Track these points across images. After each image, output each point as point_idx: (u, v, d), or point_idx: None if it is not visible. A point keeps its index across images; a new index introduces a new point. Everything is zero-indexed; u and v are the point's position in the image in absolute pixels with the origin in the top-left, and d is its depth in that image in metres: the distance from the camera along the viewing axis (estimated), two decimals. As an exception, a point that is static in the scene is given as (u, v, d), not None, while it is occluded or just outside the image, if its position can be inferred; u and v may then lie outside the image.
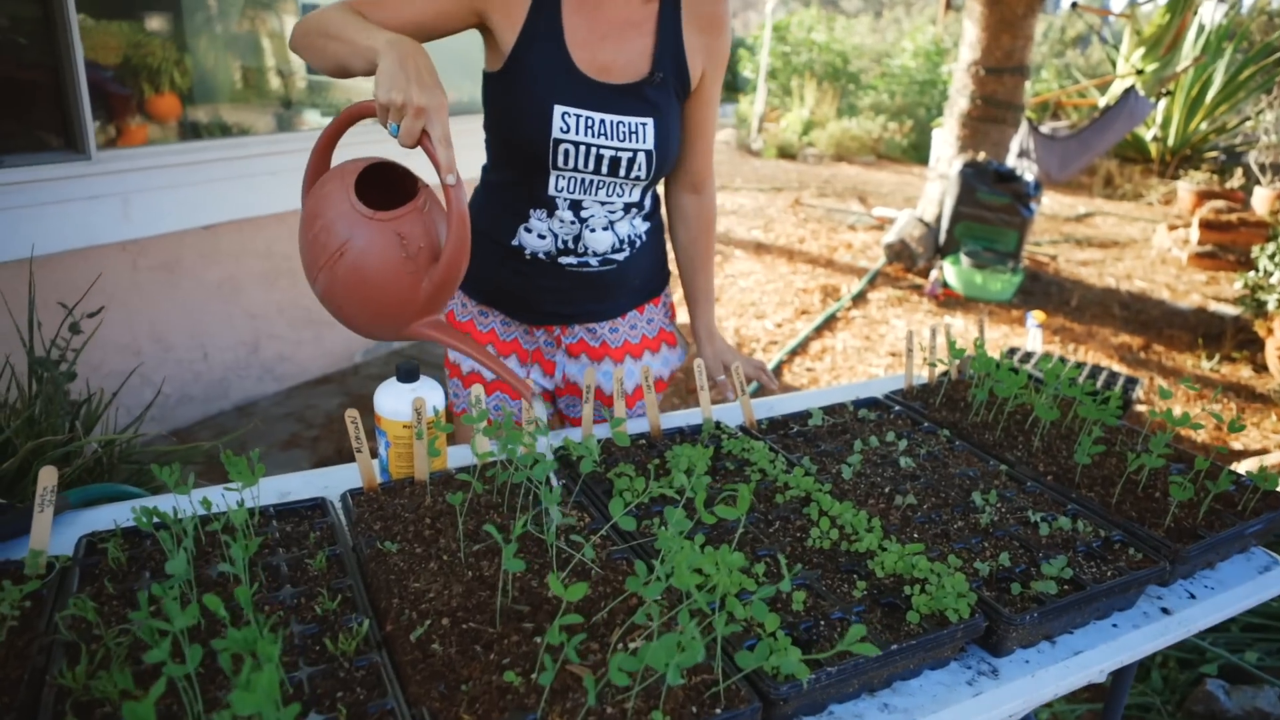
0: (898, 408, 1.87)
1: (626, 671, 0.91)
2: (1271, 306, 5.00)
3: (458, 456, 1.65)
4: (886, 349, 5.34)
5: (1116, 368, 5.09)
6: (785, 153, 12.30)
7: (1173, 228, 8.12)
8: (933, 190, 7.20)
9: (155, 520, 1.18)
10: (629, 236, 1.81)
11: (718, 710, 1.00)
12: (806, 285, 6.40)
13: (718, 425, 1.72)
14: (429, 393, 1.45)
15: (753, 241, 7.50)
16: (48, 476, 1.23)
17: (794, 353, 5.18)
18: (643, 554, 1.31)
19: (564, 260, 1.76)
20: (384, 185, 1.36)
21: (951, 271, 6.40)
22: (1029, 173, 6.67)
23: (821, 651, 1.13)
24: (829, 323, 5.72)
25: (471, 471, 1.47)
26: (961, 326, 5.78)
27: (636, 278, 1.88)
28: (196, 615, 0.94)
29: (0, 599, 1.10)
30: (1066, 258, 7.67)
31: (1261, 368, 5.26)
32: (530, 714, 0.97)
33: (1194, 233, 7.65)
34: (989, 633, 1.24)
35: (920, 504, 1.49)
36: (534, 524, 1.32)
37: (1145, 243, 8.34)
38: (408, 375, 1.45)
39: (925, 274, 6.71)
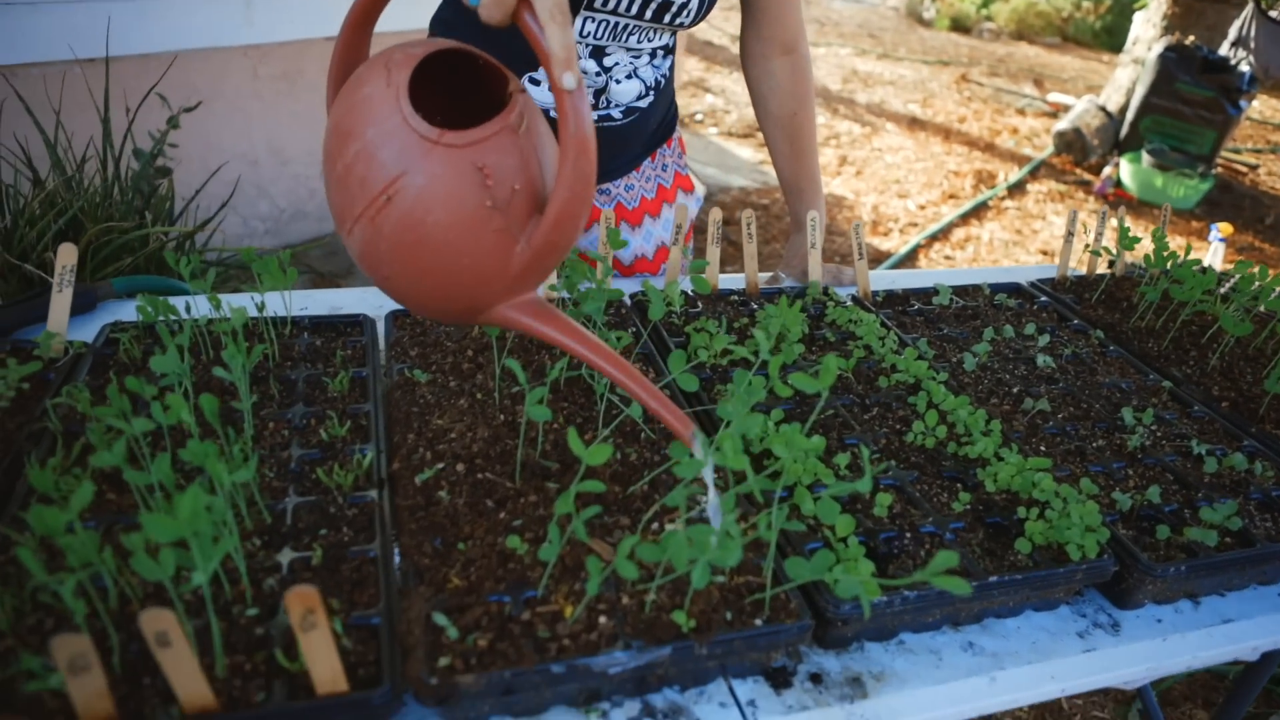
0: (1044, 298, 1.57)
1: (642, 563, 0.73)
2: None
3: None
4: (1038, 246, 4.83)
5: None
6: (959, 25, 11.16)
7: None
8: (1122, 76, 6.35)
9: (162, 317, 1.06)
10: (654, 80, 1.49)
11: (757, 621, 0.82)
12: (959, 168, 5.83)
13: (825, 291, 1.48)
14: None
15: (907, 116, 6.87)
16: (67, 255, 1.12)
17: (934, 237, 4.75)
18: (708, 423, 1.11)
19: None
20: (454, 89, 0.90)
21: (1128, 170, 5.68)
22: (1245, 64, 5.75)
23: (900, 571, 0.92)
24: (978, 210, 5.21)
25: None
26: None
27: (655, 121, 1.57)
28: (165, 419, 0.81)
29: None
30: (1269, 170, 6.72)
31: None
32: (529, 590, 0.81)
33: None
34: (1117, 578, 1.00)
35: (1054, 412, 1.23)
36: (587, 371, 1.14)
37: (1369, 161, 7.19)
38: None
39: (1097, 170, 6.00)
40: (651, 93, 1.49)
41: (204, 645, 0.71)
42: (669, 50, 1.49)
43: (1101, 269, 1.73)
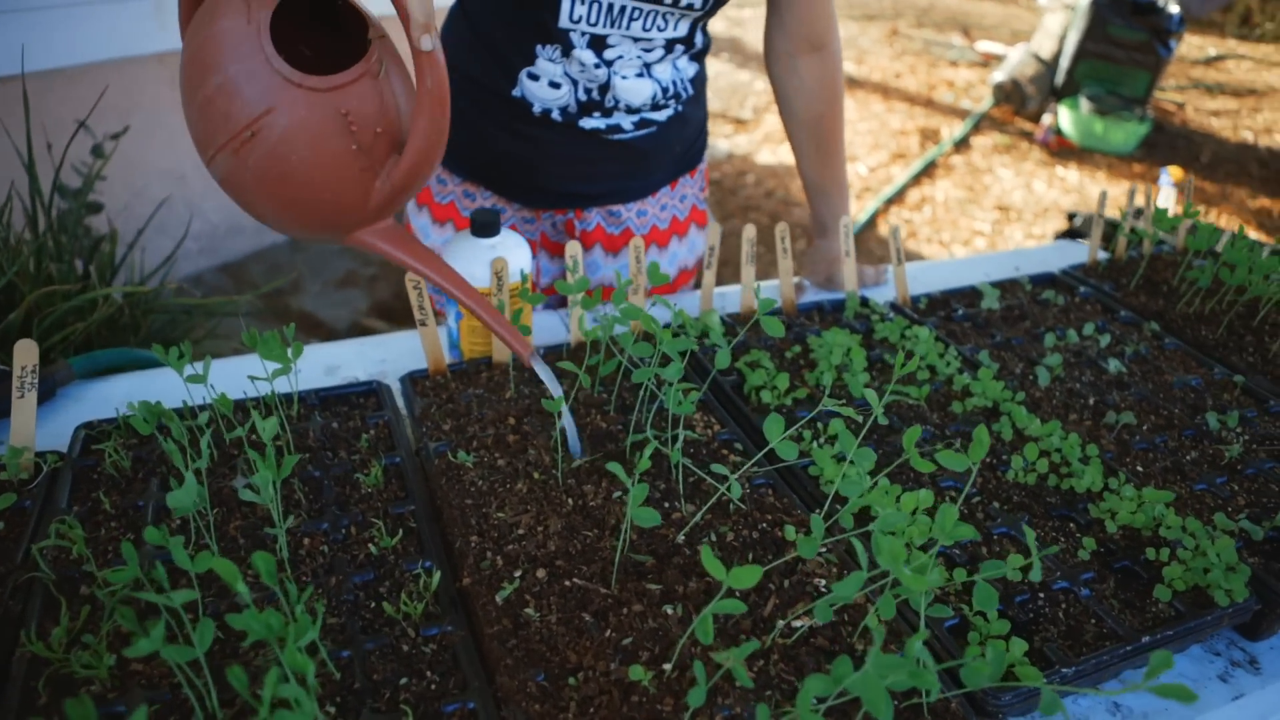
0: (1084, 289, 1.49)
1: (819, 702, 0.62)
2: None
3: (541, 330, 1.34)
4: (992, 202, 4.82)
5: (1255, 235, 4.52)
6: (878, -24, 11.11)
7: (1322, 75, 7.15)
8: (1052, 23, 6.36)
9: (160, 422, 0.90)
10: (673, 84, 1.34)
11: (922, 734, 0.72)
12: (903, 127, 5.79)
13: (864, 302, 1.38)
14: (513, 251, 1.12)
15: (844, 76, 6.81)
16: (26, 354, 0.94)
17: (890, 202, 4.70)
18: (794, 482, 1.00)
19: (587, 122, 1.31)
20: (309, 27, 0.92)
21: (1067, 117, 5.71)
22: (1172, 4, 5.81)
23: (1046, 641, 0.83)
24: (928, 170, 5.18)
25: (566, 355, 1.16)
26: (1076, 180, 5.20)
27: (679, 143, 1.42)
28: (208, 565, 0.66)
29: (-33, 511, 0.84)
30: (1195, 106, 6.84)
31: None
32: (665, 730, 0.69)
33: (1349, 81, 6.72)
34: (1254, 614, 0.92)
35: (1139, 424, 1.15)
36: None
37: (1285, 91, 7.39)
38: (485, 228, 1.11)
39: (1036, 119, 6.02)
40: (671, 103, 1.34)
41: None
42: (690, 47, 1.33)
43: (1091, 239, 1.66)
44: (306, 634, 0.61)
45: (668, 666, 0.73)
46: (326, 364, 1.24)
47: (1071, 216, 4.04)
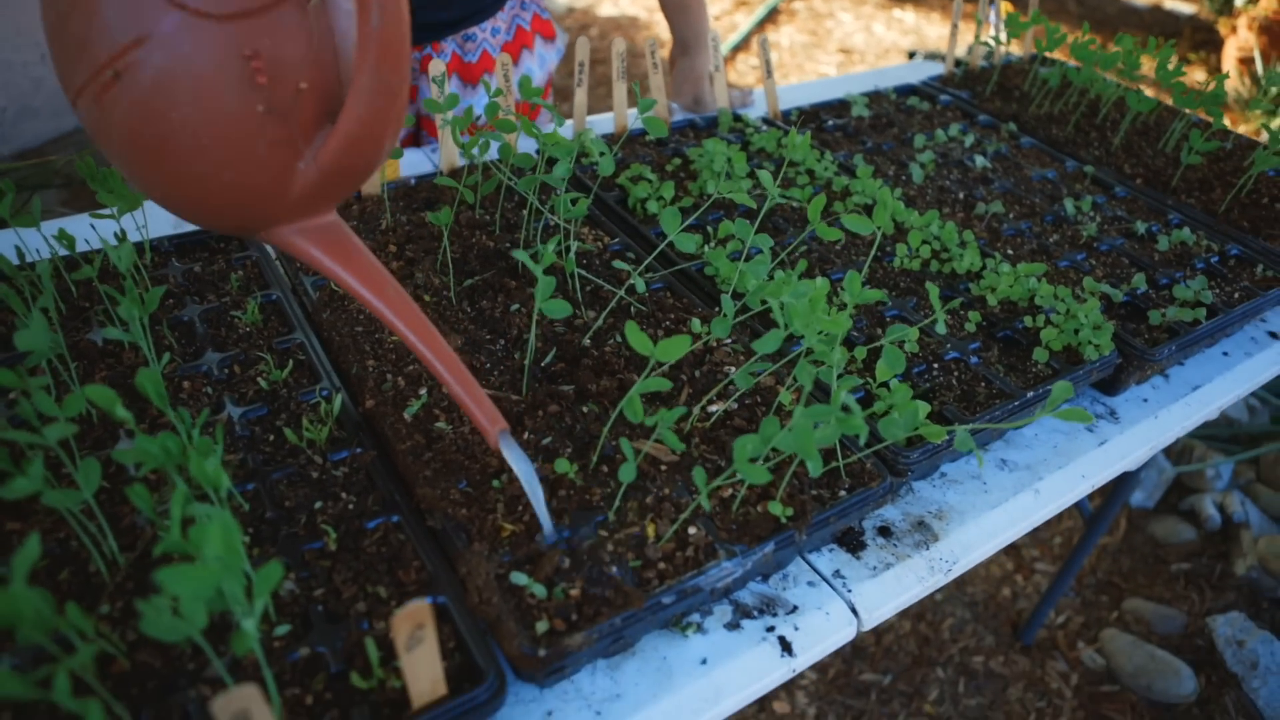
0: (945, 97, 1.53)
1: (706, 455, 0.63)
2: (1239, 2, 4.66)
3: (410, 164, 1.26)
4: (835, 45, 4.85)
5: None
6: None
7: (1129, -89, 7.46)
8: None
9: (-12, 263, 0.79)
10: None
11: (842, 492, 0.75)
12: (745, -26, 5.68)
13: (736, 117, 1.36)
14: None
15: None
16: None
17: (736, 49, 4.65)
18: (690, 283, 0.99)
19: None
20: None
21: (902, -41, 5.75)
22: None
23: (944, 404, 0.87)
24: (770, 16, 5.13)
25: (447, 177, 1.10)
26: (913, 21, 5.29)
27: None
28: (81, 407, 0.60)
29: None
30: (1017, -55, 7.04)
31: (1216, 70, 5.03)
32: (597, 515, 0.69)
33: (1152, -83, 7.04)
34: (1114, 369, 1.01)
35: (1005, 213, 1.20)
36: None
37: (1096, -70, 7.69)
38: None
39: (872, -38, 6.04)
40: None
41: (240, 686, 0.55)
42: None
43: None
44: (213, 454, 0.56)
45: (594, 458, 0.73)
46: (175, 221, 1.12)
47: (911, 55, 4.10)
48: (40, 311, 0.67)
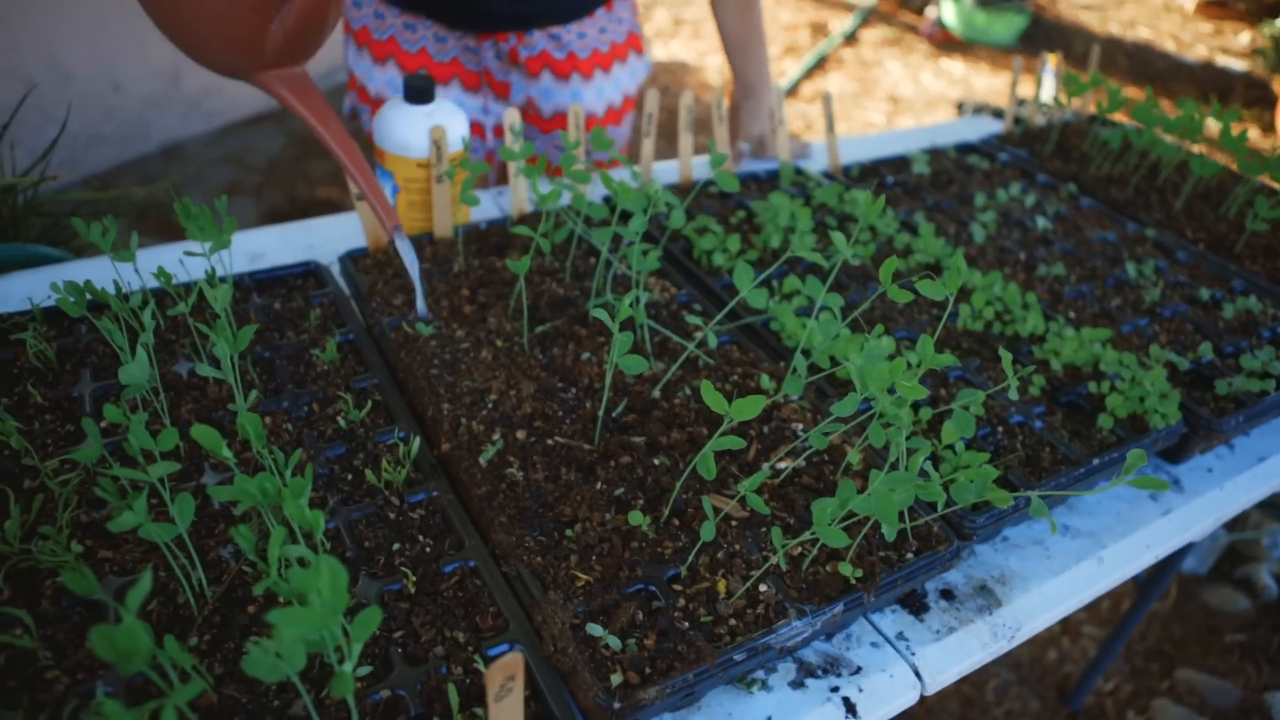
0: (1004, 155, 1.54)
1: (777, 513, 0.63)
2: (1294, 57, 4.62)
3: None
4: (883, 94, 4.88)
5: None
6: None
7: (1180, -32, 7.46)
8: (934, -86, 6.38)
9: (90, 299, 0.82)
10: None
11: (909, 554, 0.75)
12: (793, 21, 5.76)
13: (798, 171, 1.38)
14: (449, 119, 1.06)
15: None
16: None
17: (786, 94, 4.70)
18: (754, 336, 1.01)
19: None
20: None
21: (951, 10, 5.79)
22: (1046, -106, 5.90)
23: (1008, 465, 0.87)
24: (820, 63, 5.19)
25: (518, 223, 1.12)
26: (961, 72, 5.31)
27: None
28: (176, 442, 0.62)
29: (-126, 409, 0.76)
30: (1068, 1, 7.06)
31: (1269, 128, 4.99)
32: (668, 569, 0.70)
33: (1204, -25, 7.03)
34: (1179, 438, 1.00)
35: (1067, 275, 1.20)
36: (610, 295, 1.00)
37: (1147, -14, 7.70)
38: (420, 94, 1.05)
39: (920, 12, 6.09)
40: None
41: (324, 725, 0.56)
42: None
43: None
44: (305, 492, 0.58)
45: (665, 511, 0.74)
46: (250, 252, 1.16)
47: (960, 106, 4.10)
48: (143, 348, 0.70)
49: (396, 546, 0.70)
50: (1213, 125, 1.42)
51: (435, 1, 1.32)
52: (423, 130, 1.04)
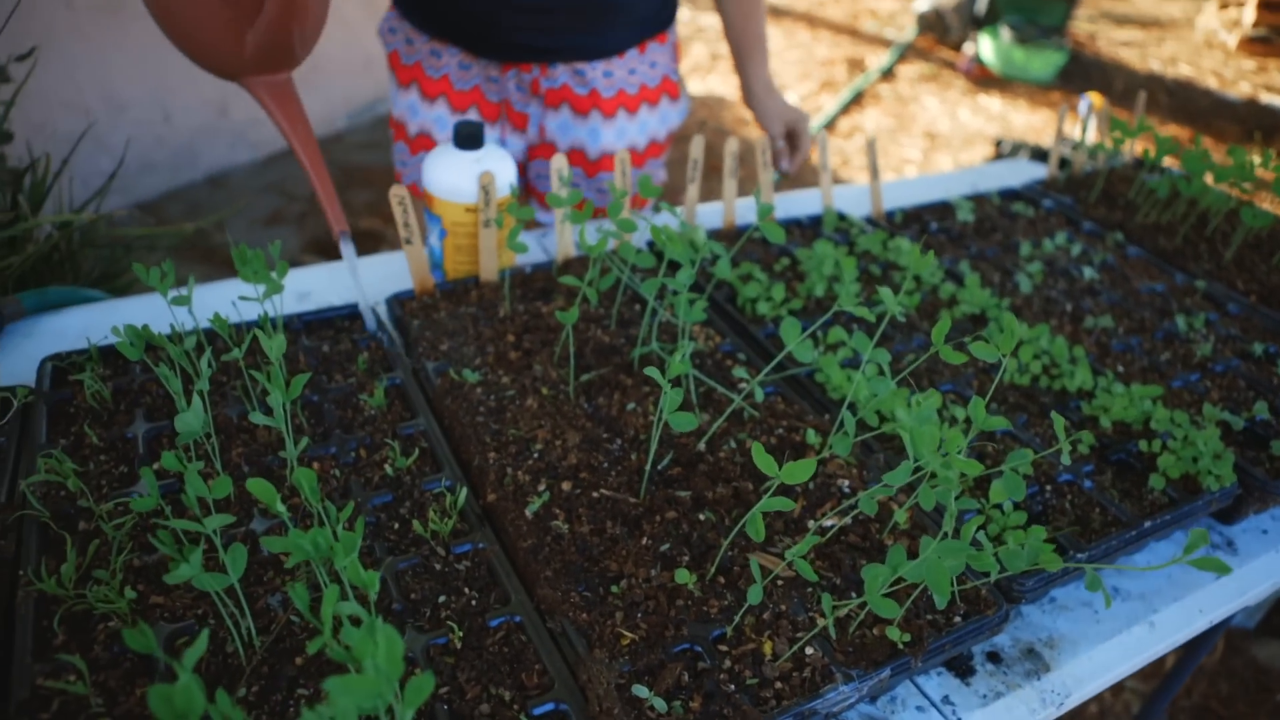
0: (1048, 202, 1.53)
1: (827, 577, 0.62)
2: (1342, 96, 4.55)
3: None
4: (920, 130, 4.88)
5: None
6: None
7: (1224, 6, 7.41)
8: (972, -49, 6.40)
9: (148, 343, 0.84)
10: None
11: (957, 618, 0.74)
12: (830, 56, 5.78)
13: (841, 217, 1.38)
14: (498, 164, 1.08)
15: (769, 5, 6.73)
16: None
17: (823, 129, 4.72)
18: (798, 387, 1.00)
19: None
20: None
21: (989, 46, 5.79)
22: (1086, -67, 5.90)
23: (1056, 526, 0.86)
24: (857, 99, 5.20)
25: (563, 269, 1.13)
26: (999, 108, 5.30)
27: (642, 2, 1.39)
28: (229, 490, 0.63)
29: (-62, 448, 0.78)
30: (1107, 37, 7.03)
31: (1314, 164, 4.91)
32: (714, 629, 0.69)
33: (1249, 13, 6.98)
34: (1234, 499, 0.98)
35: (1115, 327, 1.19)
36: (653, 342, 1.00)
37: (1187, 23, 7.64)
38: (469, 140, 1.06)
39: (958, 48, 6.09)
40: None
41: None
42: None
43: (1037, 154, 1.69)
44: (355, 547, 0.59)
45: (711, 569, 0.73)
46: (297, 291, 1.18)
47: (998, 143, 4.09)
48: (199, 395, 0.71)
49: (442, 599, 0.70)
50: (1264, 172, 1.40)
51: (461, 29, 1.35)
52: (471, 176, 1.05)
